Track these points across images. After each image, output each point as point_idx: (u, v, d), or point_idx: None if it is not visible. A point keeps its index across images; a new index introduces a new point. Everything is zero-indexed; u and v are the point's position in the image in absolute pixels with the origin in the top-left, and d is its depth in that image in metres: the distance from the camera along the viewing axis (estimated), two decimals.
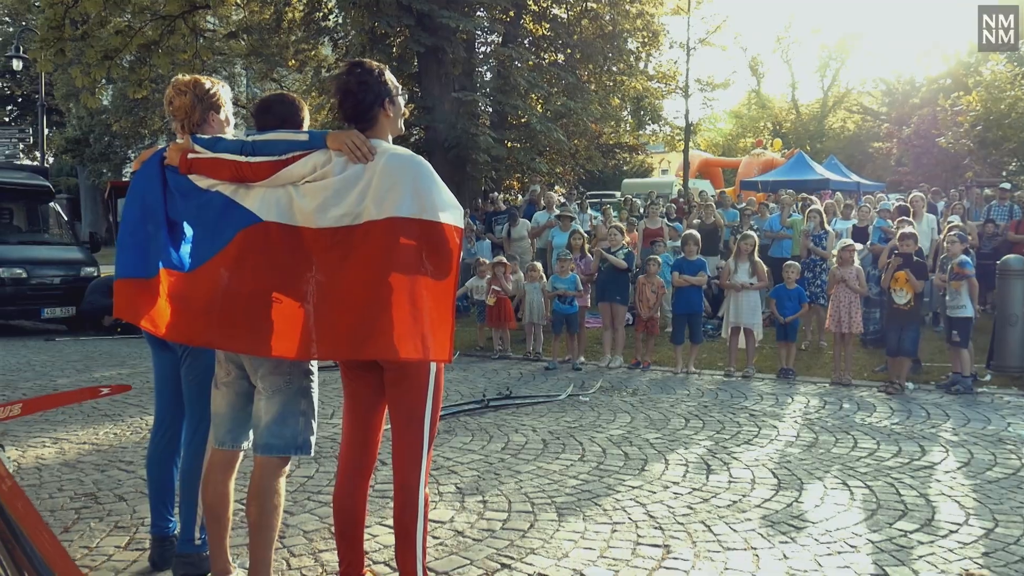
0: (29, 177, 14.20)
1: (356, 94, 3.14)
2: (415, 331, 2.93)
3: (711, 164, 35.06)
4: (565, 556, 3.96)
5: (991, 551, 4.03)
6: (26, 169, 15.02)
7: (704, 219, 13.51)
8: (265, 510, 3.25)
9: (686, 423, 6.71)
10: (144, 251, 3.27)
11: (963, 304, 8.09)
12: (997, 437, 6.25)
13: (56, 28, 13.25)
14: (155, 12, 13.59)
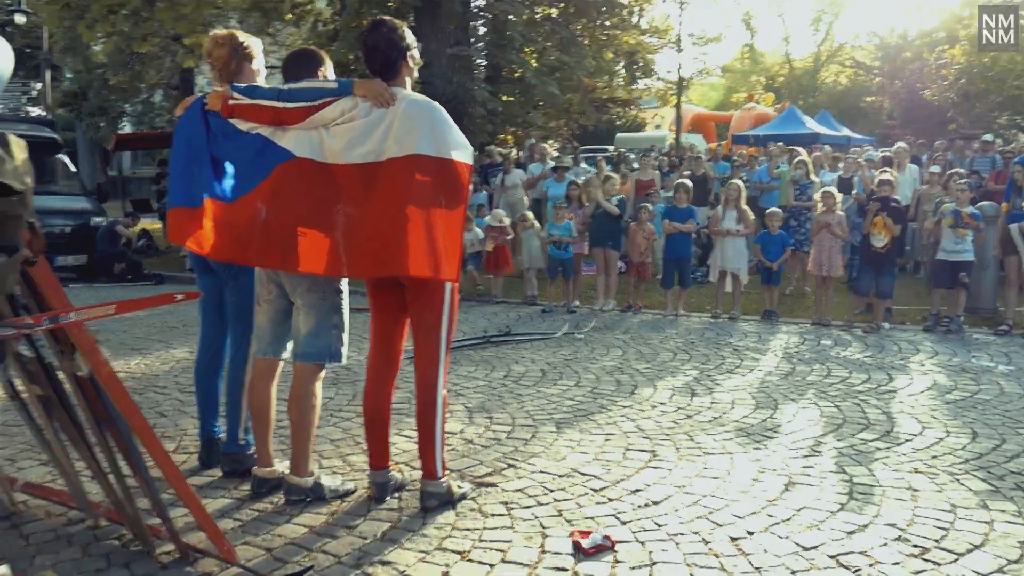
0: (36, 129, 14.48)
1: (380, 48, 3.59)
2: (428, 254, 3.42)
3: (704, 118, 35.32)
4: (563, 459, 4.48)
5: (939, 455, 4.57)
6: (33, 121, 15.29)
7: (695, 171, 13.95)
8: (304, 409, 3.75)
9: (674, 356, 7.23)
10: (190, 184, 3.71)
11: (967, 249, 8.53)
12: (961, 368, 6.78)
13: None
14: None
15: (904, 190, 11.71)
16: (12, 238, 2.37)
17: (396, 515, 3.73)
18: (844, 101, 43.19)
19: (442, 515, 3.70)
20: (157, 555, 3.29)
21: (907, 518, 3.69)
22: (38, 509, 3.80)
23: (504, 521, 3.65)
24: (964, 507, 3.82)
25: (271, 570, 3.18)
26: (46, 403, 3.09)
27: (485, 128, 17.98)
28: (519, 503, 3.85)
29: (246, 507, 3.82)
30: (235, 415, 4.14)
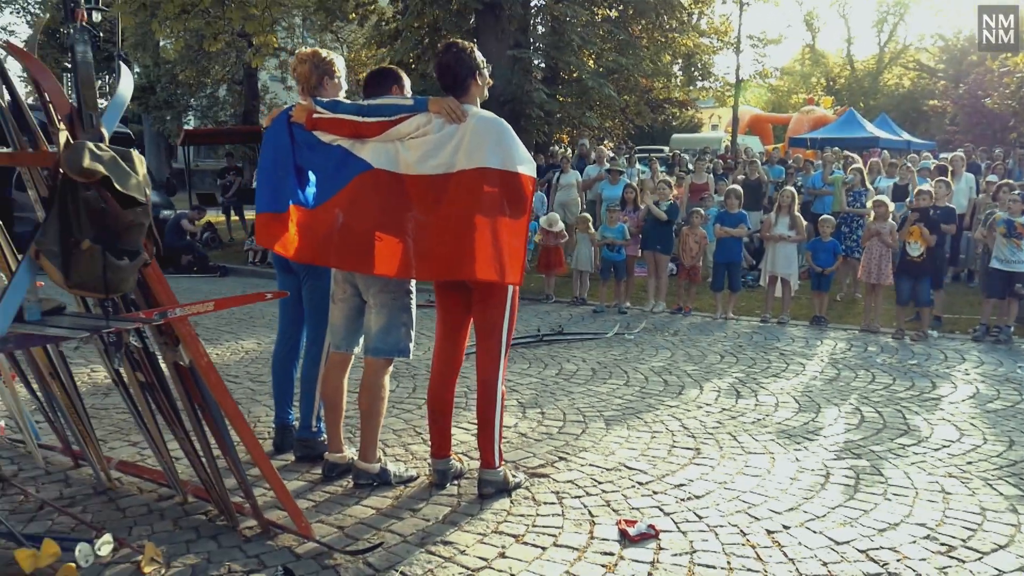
0: None
1: (452, 68, 3.90)
2: (494, 259, 3.72)
3: (761, 120, 35.17)
4: (612, 454, 4.75)
5: (974, 461, 4.74)
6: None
7: (749, 175, 14.09)
8: (374, 400, 4.08)
9: (721, 359, 7.44)
10: (276, 191, 4.05)
11: (1023, 259, 8.59)
12: (1005, 377, 6.89)
13: None
14: None
15: (959, 198, 11.73)
16: (136, 244, 2.71)
17: (456, 500, 4.03)
18: (905, 104, 42.66)
19: (498, 502, 4.00)
20: (241, 529, 3.64)
21: (937, 518, 3.90)
22: (131, 485, 4.18)
23: (555, 509, 3.94)
24: (993, 510, 4.01)
25: (344, 546, 3.51)
26: (148, 389, 3.45)
27: (542, 129, 18.26)
28: (569, 493, 4.14)
29: (318, 489, 4.16)
30: (309, 404, 4.49)
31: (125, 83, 3.04)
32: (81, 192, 2.58)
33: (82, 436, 4.00)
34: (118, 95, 2.99)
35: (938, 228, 8.78)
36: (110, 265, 2.62)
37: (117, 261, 2.64)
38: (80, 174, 2.55)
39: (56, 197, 2.64)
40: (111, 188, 2.58)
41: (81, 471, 4.37)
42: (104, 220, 2.60)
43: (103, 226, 2.61)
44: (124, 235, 2.66)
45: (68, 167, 2.56)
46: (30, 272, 2.71)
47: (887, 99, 44.53)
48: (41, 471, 4.38)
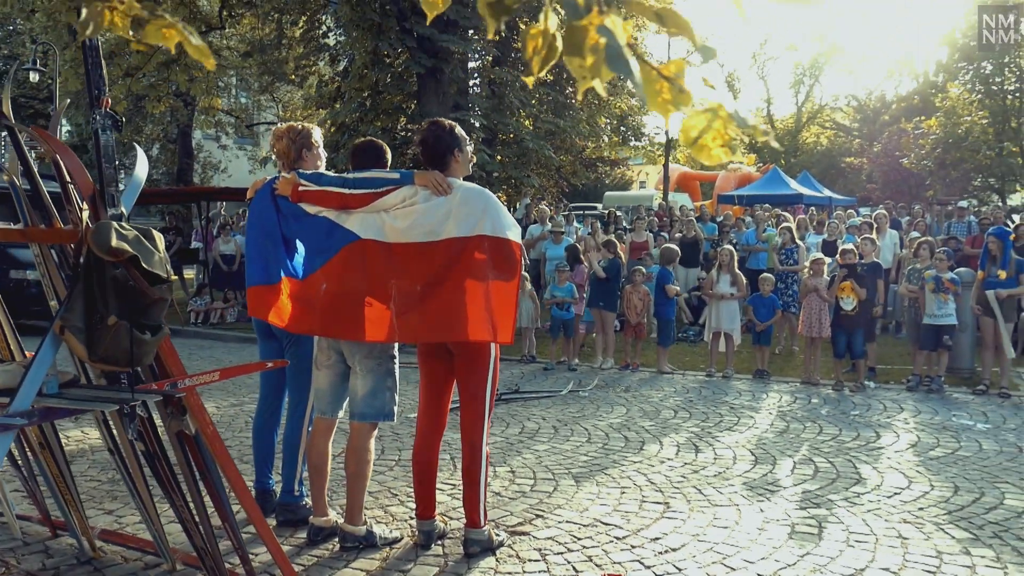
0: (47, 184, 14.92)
1: (434, 145, 4.11)
2: (486, 320, 3.91)
3: (689, 178, 36.16)
4: (586, 510, 4.91)
5: (925, 507, 5.04)
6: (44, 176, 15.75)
7: (686, 233, 14.57)
8: (360, 463, 4.19)
9: (675, 414, 7.69)
10: (266, 263, 4.17)
11: (950, 313, 9.09)
12: (942, 426, 7.28)
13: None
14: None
15: (885, 254, 12.35)
16: (158, 318, 2.82)
17: (442, 560, 4.14)
18: (824, 162, 44.33)
19: (484, 560, 4.13)
20: None
21: (898, 563, 4.15)
22: (114, 554, 4.19)
23: (540, 566, 4.08)
24: (948, 553, 4.28)
25: None
26: (149, 457, 3.51)
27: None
28: (551, 550, 4.28)
29: (305, 553, 4.23)
30: (291, 468, 4.57)
31: (141, 166, 3.17)
32: (109, 271, 2.69)
33: (68, 505, 4.01)
34: (135, 176, 3.12)
35: (866, 283, 9.24)
36: (136, 340, 2.72)
37: (141, 336, 2.75)
38: (108, 253, 2.67)
39: (81, 274, 2.75)
40: (138, 266, 2.70)
41: (60, 541, 4.36)
42: (131, 297, 2.72)
43: (129, 302, 2.72)
44: (149, 311, 2.77)
45: (96, 246, 2.67)
46: (53, 347, 2.79)
47: (807, 156, 46.22)
48: (19, 541, 4.34)
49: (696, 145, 1.37)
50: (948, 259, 9.57)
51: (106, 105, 2.81)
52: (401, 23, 16.52)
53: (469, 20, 17.33)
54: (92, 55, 2.83)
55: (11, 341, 3.61)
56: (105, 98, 2.79)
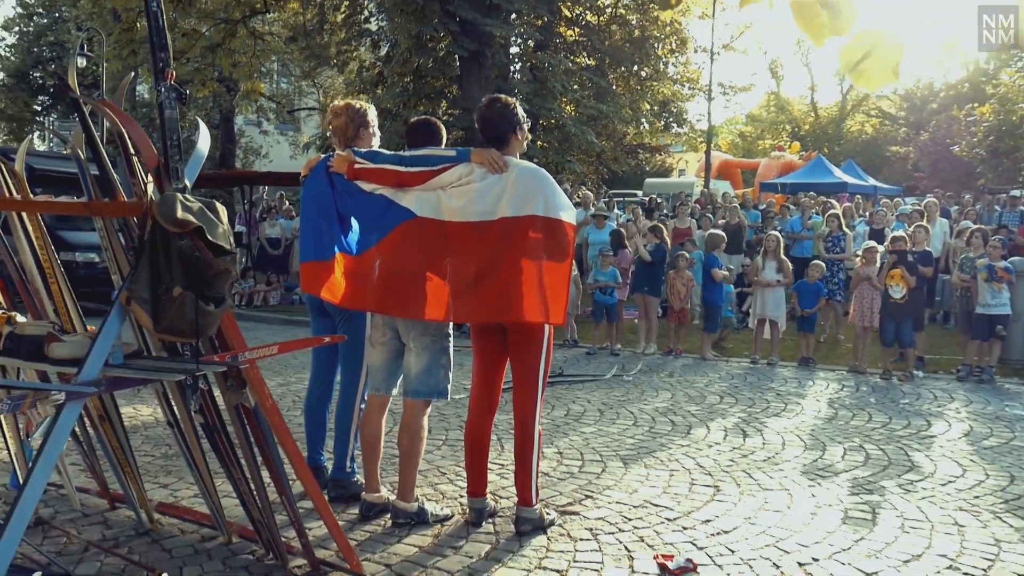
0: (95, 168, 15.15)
1: (496, 122, 4.10)
2: (539, 301, 3.90)
3: (731, 165, 35.80)
4: (635, 491, 4.90)
5: (980, 495, 4.95)
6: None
7: (729, 219, 14.44)
8: (413, 440, 4.21)
9: (721, 399, 7.64)
10: (320, 240, 4.19)
11: (1004, 302, 8.93)
12: (995, 416, 7.15)
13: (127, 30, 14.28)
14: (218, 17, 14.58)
15: (935, 243, 12.14)
16: (222, 290, 2.84)
17: (494, 538, 4.15)
18: (869, 151, 43.66)
19: (536, 539, 4.13)
20: (291, 568, 3.73)
21: (956, 550, 4.08)
22: (171, 527, 4.25)
23: (592, 545, 4.07)
24: (1007, 541, 4.20)
25: None
26: (209, 430, 3.55)
27: None
28: (603, 530, 4.27)
29: (357, 528, 4.26)
30: (343, 444, 4.60)
31: (203, 139, 3.19)
32: (175, 242, 2.71)
33: (127, 477, 4.07)
34: (197, 150, 3.14)
35: (917, 271, 9.09)
36: (201, 311, 2.75)
37: (206, 307, 2.77)
38: (174, 224, 2.69)
39: (146, 246, 2.78)
40: (203, 237, 2.72)
41: (118, 513, 4.43)
42: (196, 268, 2.74)
43: (194, 274, 2.74)
44: (213, 282, 2.80)
45: (162, 218, 2.69)
46: (120, 318, 2.83)
47: (851, 145, 45.57)
48: (78, 513, 4.43)
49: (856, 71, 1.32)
50: (1002, 248, 9.38)
51: (171, 78, 2.82)
52: (444, 7, 16.51)
53: (512, 4, 17.29)
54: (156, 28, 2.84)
55: (74, 315, 3.66)
56: (170, 71, 2.81)
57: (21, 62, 35.90)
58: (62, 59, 33.92)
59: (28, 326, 3.06)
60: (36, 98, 37.24)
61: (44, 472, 2.67)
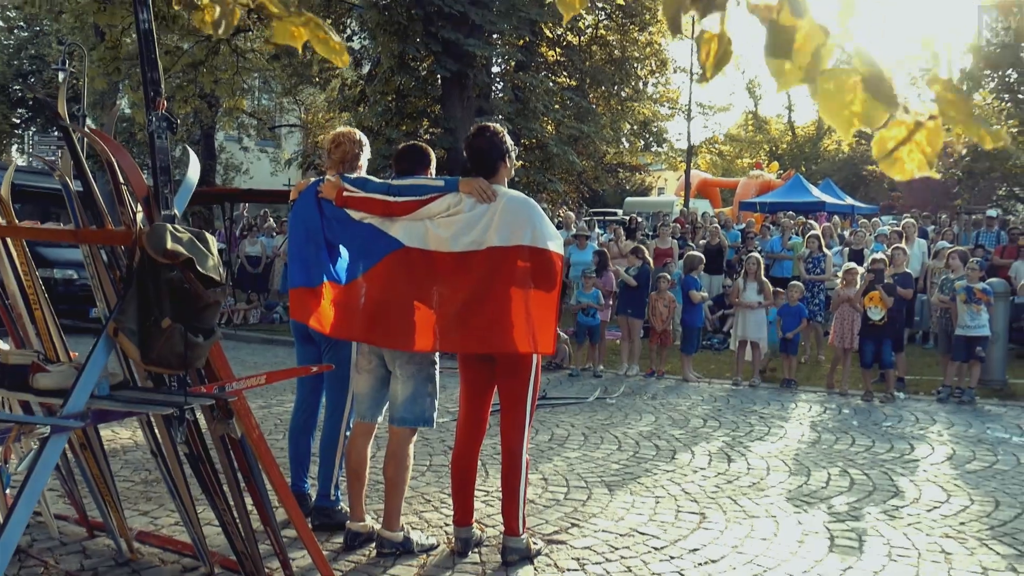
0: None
1: (484, 151, 4.09)
2: (527, 331, 3.88)
3: (709, 184, 36.01)
4: (621, 519, 4.87)
5: (966, 521, 4.97)
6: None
7: (710, 240, 14.52)
8: (399, 469, 4.17)
9: (704, 422, 7.64)
10: (308, 266, 4.17)
11: (983, 324, 9.00)
12: (977, 438, 7.19)
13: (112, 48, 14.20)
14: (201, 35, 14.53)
15: (913, 263, 12.24)
16: (211, 322, 2.81)
17: (480, 568, 4.11)
18: (846, 169, 43.98)
19: (522, 569, 4.09)
20: None
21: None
22: (152, 556, 4.18)
23: (579, 575, 4.04)
24: (995, 570, 4.21)
25: None
26: (192, 459, 3.50)
27: None
28: (589, 559, 4.24)
29: (342, 558, 4.20)
30: (328, 472, 4.55)
31: (193, 168, 3.16)
32: (164, 273, 2.68)
33: (107, 505, 4.01)
34: (187, 179, 3.11)
35: (895, 292, 9.16)
36: (189, 343, 2.71)
37: (195, 339, 2.74)
38: (163, 255, 2.66)
39: (135, 277, 2.74)
40: (193, 269, 2.69)
41: (97, 541, 4.35)
42: (186, 300, 2.70)
43: (184, 305, 2.71)
44: (202, 314, 2.76)
45: (152, 249, 2.66)
46: (107, 349, 2.78)
47: (828, 164, 45.91)
48: (56, 542, 4.34)
49: (889, 158, 1.32)
50: (980, 269, 9.48)
51: (161, 107, 2.80)
52: (426, 27, 16.55)
53: (494, 25, 17.35)
54: (148, 60, 2.82)
55: (57, 341, 3.61)
56: (160, 100, 2.78)
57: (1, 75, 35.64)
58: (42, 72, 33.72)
59: (12, 355, 3.01)
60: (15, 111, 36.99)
61: (27, 507, 2.62)
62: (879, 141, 1.31)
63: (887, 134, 1.31)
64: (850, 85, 1.29)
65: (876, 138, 1.31)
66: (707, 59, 1.39)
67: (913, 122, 1.29)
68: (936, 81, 1.29)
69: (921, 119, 1.28)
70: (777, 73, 1.31)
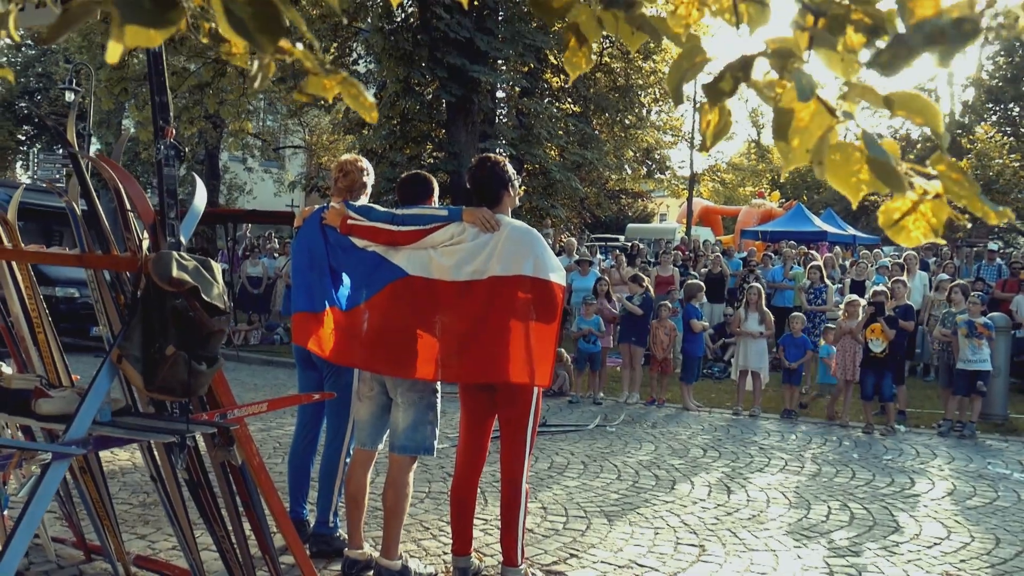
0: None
1: (487, 182, 4.11)
2: (526, 362, 3.89)
3: (711, 212, 36.09)
4: (620, 550, 4.85)
5: (967, 559, 4.95)
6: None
7: (712, 268, 14.54)
8: (399, 497, 4.16)
9: (704, 452, 7.62)
10: (311, 291, 4.18)
11: (984, 358, 9.00)
12: (978, 474, 7.17)
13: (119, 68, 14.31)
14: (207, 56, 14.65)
15: (915, 295, 12.25)
16: (214, 350, 2.82)
17: None
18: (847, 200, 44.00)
19: None
20: None
21: None
22: None
23: None
24: None
25: None
26: (192, 485, 3.50)
27: None
28: None
29: None
30: (327, 499, 4.54)
31: (200, 195, 3.18)
32: (169, 301, 2.69)
33: (105, 529, 3.99)
34: (194, 207, 3.13)
35: (896, 324, 9.16)
36: (193, 371, 2.72)
37: (198, 367, 2.75)
38: (169, 283, 2.67)
39: (140, 304, 2.75)
40: (198, 297, 2.70)
41: (94, 565, 4.34)
42: (190, 327, 2.71)
43: (188, 333, 2.72)
44: (207, 342, 2.77)
45: (157, 276, 2.67)
46: (110, 376, 2.79)
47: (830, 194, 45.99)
48: (53, 565, 4.33)
49: (896, 227, 1.34)
50: (981, 303, 9.49)
51: (170, 136, 2.82)
52: (432, 52, 16.67)
53: (499, 51, 17.47)
54: (158, 81, 2.85)
55: (59, 365, 3.62)
56: (169, 128, 2.81)
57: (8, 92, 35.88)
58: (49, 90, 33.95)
59: (15, 379, 3.01)
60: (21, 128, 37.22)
61: (27, 533, 2.62)
62: (885, 212, 1.33)
63: (892, 205, 1.34)
64: (856, 157, 1.31)
65: (882, 208, 1.33)
66: (707, 129, 1.42)
67: (918, 196, 1.30)
68: (940, 161, 1.30)
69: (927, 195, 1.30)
70: (784, 152, 1.34)
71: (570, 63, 1.67)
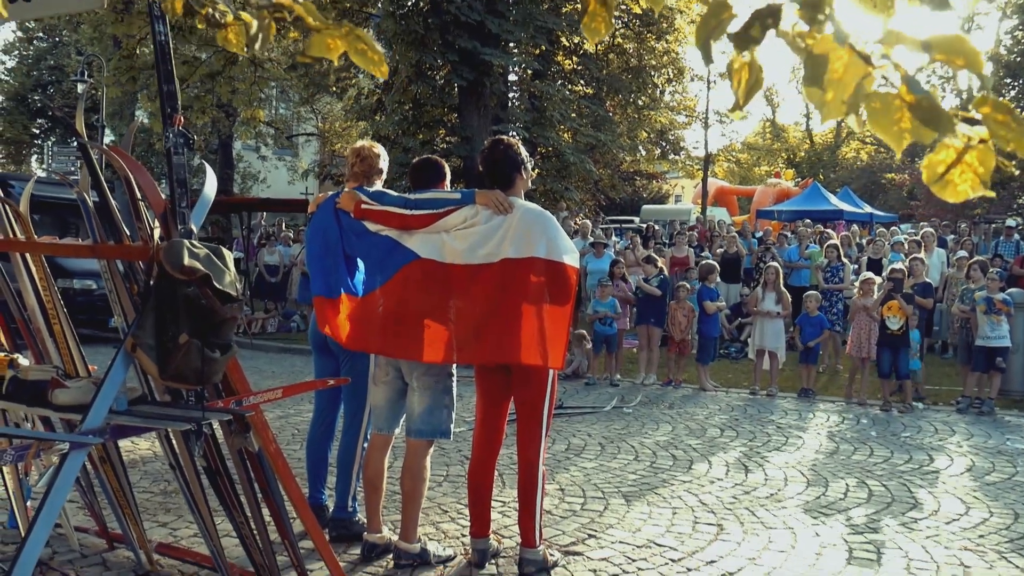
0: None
1: (500, 164, 4.10)
2: (538, 344, 3.89)
3: (726, 192, 35.95)
4: (638, 530, 4.86)
5: (985, 534, 4.93)
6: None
7: (727, 249, 14.48)
8: (416, 481, 4.18)
9: (721, 432, 7.61)
10: (327, 276, 4.19)
11: (1003, 335, 8.94)
12: (997, 450, 7.13)
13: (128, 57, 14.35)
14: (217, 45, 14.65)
15: (932, 272, 12.16)
16: (228, 337, 2.83)
17: None
18: (864, 178, 43.78)
19: None
20: None
21: None
22: (171, 568, 4.21)
23: None
24: None
25: None
26: (210, 472, 3.52)
27: None
28: (606, 571, 4.24)
29: (359, 569, 4.22)
30: (345, 484, 4.56)
31: (210, 183, 3.19)
32: (181, 289, 2.70)
33: (127, 518, 4.03)
34: (204, 195, 3.14)
35: (914, 302, 9.10)
36: (206, 358, 2.73)
37: (212, 354, 2.76)
38: (181, 271, 2.68)
39: (152, 293, 2.77)
40: (210, 285, 2.71)
41: (117, 553, 4.38)
42: (203, 315, 2.73)
43: (201, 321, 2.73)
44: (219, 329, 2.78)
45: (169, 264, 2.69)
46: (125, 365, 2.81)
47: (846, 172, 45.74)
48: (76, 554, 4.38)
49: (941, 181, 1.30)
50: (1000, 279, 9.41)
51: (179, 124, 2.83)
52: (444, 36, 16.63)
53: (511, 34, 17.40)
54: (165, 70, 2.85)
55: (76, 355, 3.65)
56: (178, 116, 2.81)
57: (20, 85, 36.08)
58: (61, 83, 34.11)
59: (32, 371, 3.04)
60: (35, 121, 37.42)
61: (48, 522, 2.65)
62: (929, 166, 1.30)
63: (935, 158, 1.30)
64: (896, 104, 1.27)
65: (925, 163, 1.30)
66: (739, 87, 1.39)
67: (963, 144, 1.27)
68: (984, 103, 1.26)
69: (972, 142, 1.26)
70: (819, 104, 1.31)
71: (588, 28, 1.64)
